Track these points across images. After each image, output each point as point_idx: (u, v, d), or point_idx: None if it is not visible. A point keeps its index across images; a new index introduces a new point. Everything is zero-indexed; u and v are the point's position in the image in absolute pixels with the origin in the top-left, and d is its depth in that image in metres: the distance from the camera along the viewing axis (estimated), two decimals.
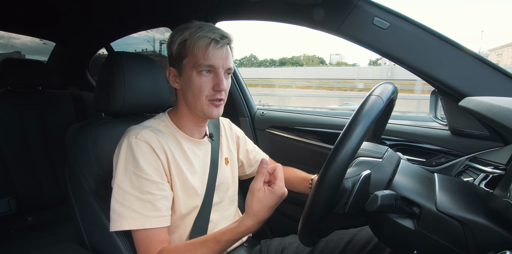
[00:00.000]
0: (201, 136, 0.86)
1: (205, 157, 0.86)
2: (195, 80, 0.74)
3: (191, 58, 0.73)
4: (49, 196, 1.66)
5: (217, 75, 0.74)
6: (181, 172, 0.77)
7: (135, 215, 0.67)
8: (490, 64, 0.75)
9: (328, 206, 0.51)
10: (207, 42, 0.71)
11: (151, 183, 0.69)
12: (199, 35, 0.72)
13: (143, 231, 0.69)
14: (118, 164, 0.71)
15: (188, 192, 0.78)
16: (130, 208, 0.68)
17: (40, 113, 1.68)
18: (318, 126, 1.22)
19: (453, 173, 0.87)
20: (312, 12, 0.87)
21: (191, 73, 0.74)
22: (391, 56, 0.82)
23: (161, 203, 0.70)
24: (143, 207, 0.68)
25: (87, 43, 1.88)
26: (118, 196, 0.69)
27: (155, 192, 0.70)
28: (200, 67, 0.72)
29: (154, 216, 0.68)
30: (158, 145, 0.73)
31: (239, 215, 0.99)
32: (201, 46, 0.71)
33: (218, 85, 0.73)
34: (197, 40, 0.72)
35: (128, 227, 0.67)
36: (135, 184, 0.69)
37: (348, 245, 0.81)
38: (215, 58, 0.72)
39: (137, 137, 0.72)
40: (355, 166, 0.64)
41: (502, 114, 0.47)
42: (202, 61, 0.72)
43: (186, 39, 0.73)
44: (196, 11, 1.18)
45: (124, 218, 0.67)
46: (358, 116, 0.51)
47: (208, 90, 0.74)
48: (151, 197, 0.69)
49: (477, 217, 0.46)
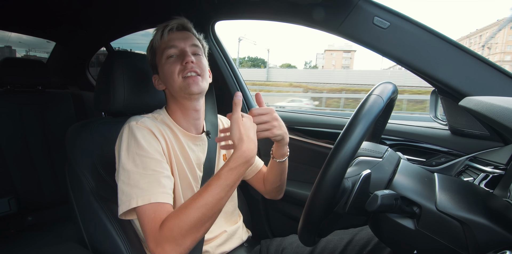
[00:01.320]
0: (198, 131, 0.86)
1: (200, 153, 0.85)
2: (165, 66, 0.78)
3: (158, 53, 0.80)
4: (49, 196, 1.65)
5: (182, 53, 0.78)
6: (179, 160, 0.78)
7: (141, 192, 0.66)
8: (490, 64, 0.74)
9: (328, 206, 0.51)
10: (160, 30, 0.79)
11: (153, 160, 0.70)
12: (155, 30, 0.81)
13: (149, 206, 0.66)
14: (121, 148, 0.71)
15: (184, 182, 0.79)
16: (135, 186, 0.67)
17: (40, 113, 1.68)
18: (318, 126, 1.22)
19: (453, 173, 0.87)
20: (312, 12, 0.87)
21: (162, 63, 0.79)
22: (391, 56, 0.81)
23: (165, 180, 0.70)
24: (147, 183, 0.67)
25: (87, 43, 1.87)
26: (124, 177, 0.68)
27: (158, 169, 0.70)
28: (165, 51, 0.78)
29: (159, 192, 0.67)
30: (158, 131, 0.76)
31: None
32: (158, 37, 0.80)
33: (184, 58, 0.76)
34: (155, 35, 0.81)
35: (136, 204, 0.65)
36: (138, 163, 0.69)
37: (348, 245, 0.81)
38: (173, 39, 0.79)
39: (138, 123, 0.74)
40: (355, 165, 0.64)
41: (502, 114, 0.47)
42: (163, 47, 0.79)
43: (151, 43, 0.82)
44: (196, 10, 1.18)
45: (131, 197, 0.66)
46: (358, 115, 0.51)
47: (179, 67, 0.77)
48: (155, 173, 0.69)
49: (477, 217, 0.46)
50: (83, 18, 1.52)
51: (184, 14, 0.82)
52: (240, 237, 0.92)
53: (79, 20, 1.54)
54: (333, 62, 53.31)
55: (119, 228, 0.76)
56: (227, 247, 0.87)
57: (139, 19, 1.48)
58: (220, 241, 0.86)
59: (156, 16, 1.38)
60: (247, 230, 0.99)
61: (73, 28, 1.68)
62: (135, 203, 0.65)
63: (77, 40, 1.84)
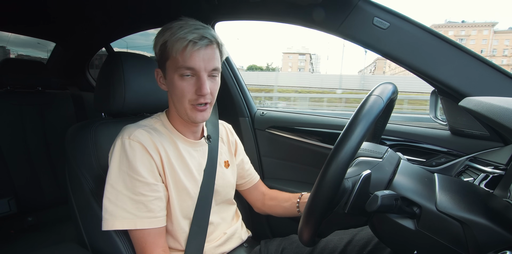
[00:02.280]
0: (196, 137, 0.85)
1: (201, 159, 0.84)
2: (177, 84, 0.71)
3: (172, 61, 0.71)
4: (49, 196, 1.65)
5: (199, 79, 0.70)
6: (174, 173, 0.76)
7: (127, 215, 0.68)
8: (490, 64, 0.75)
9: (329, 206, 0.51)
10: (184, 44, 0.67)
11: (144, 184, 0.69)
12: (177, 36, 0.68)
13: (138, 231, 0.70)
14: (112, 164, 0.71)
15: (181, 193, 0.78)
16: (122, 208, 0.68)
17: (40, 113, 1.68)
18: (318, 126, 1.22)
19: (453, 173, 0.87)
20: (312, 12, 0.87)
21: (173, 77, 0.71)
22: (391, 56, 0.82)
23: (154, 204, 0.70)
24: (135, 208, 0.68)
25: (87, 43, 1.87)
26: (111, 195, 0.69)
27: (148, 193, 0.70)
28: (180, 70, 0.69)
29: (146, 217, 0.69)
30: (152, 145, 0.72)
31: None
32: (179, 49, 0.68)
33: (200, 89, 0.70)
34: (175, 42, 0.68)
35: (121, 227, 0.68)
36: (128, 185, 0.69)
37: (348, 245, 0.81)
38: (194, 60, 0.69)
39: (130, 137, 0.71)
40: (355, 165, 0.64)
41: (502, 114, 0.47)
42: (181, 64, 0.69)
43: (166, 40, 0.70)
44: (196, 11, 1.18)
45: (116, 218, 0.68)
46: (358, 116, 0.51)
47: (191, 94, 0.71)
48: (143, 198, 0.69)
49: (477, 217, 0.46)
50: (83, 19, 1.52)
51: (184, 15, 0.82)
52: (239, 237, 0.92)
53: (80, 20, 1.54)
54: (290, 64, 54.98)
55: None
56: (226, 248, 0.87)
57: (139, 20, 1.48)
58: (219, 242, 0.86)
59: (157, 17, 1.38)
60: (247, 230, 0.99)
61: (73, 29, 1.68)
62: (120, 225, 0.68)
63: (77, 40, 1.84)
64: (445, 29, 51.25)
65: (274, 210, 1.00)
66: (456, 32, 52.73)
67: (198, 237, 0.79)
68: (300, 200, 0.92)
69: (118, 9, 1.38)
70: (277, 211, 0.99)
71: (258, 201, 1.03)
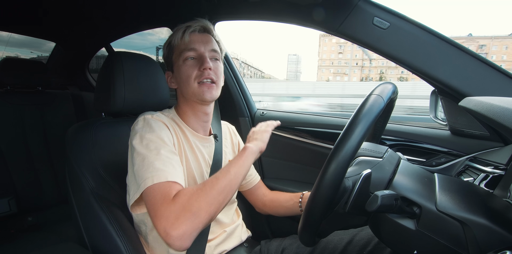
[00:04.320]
0: (206, 133, 0.88)
1: (208, 155, 0.86)
2: (182, 68, 0.78)
3: (176, 52, 0.80)
4: (49, 196, 1.65)
5: (201, 57, 0.78)
6: (187, 157, 0.79)
7: (156, 171, 0.64)
8: (490, 64, 0.75)
9: (329, 205, 0.51)
10: (182, 30, 0.79)
11: (167, 148, 0.70)
12: (177, 30, 0.80)
13: (165, 183, 0.62)
14: (135, 137, 0.70)
15: (189, 181, 0.79)
16: (150, 166, 0.64)
17: (40, 113, 1.68)
18: (318, 126, 1.22)
19: (453, 173, 0.87)
20: (312, 12, 0.87)
21: (179, 64, 0.79)
22: (391, 56, 0.82)
23: (178, 165, 0.69)
24: (162, 164, 0.65)
25: (87, 43, 1.88)
26: (138, 160, 0.66)
27: (171, 155, 0.69)
28: (184, 53, 0.77)
29: (175, 172, 0.66)
30: (171, 127, 0.77)
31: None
32: (179, 36, 0.78)
33: (202, 64, 0.76)
34: (175, 34, 0.80)
35: (151, 182, 0.62)
36: (151, 148, 0.68)
37: (348, 245, 0.81)
38: (193, 41, 0.78)
39: (153, 116, 0.76)
40: (355, 165, 0.64)
41: (502, 114, 0.47)
42: (182, 47, 0.78)
43: (170, 40, 0.81)
44: (196, 11, 1.18)
45: (147, 177, 0.63)
46: (359, 114, 0.51)
47: (195, 72, 0.77)
48: (168, 159, 0.67)
49: (477, 217, 0.46)
50: (83, 19, 1.52)
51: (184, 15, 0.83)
52: (239, 236, 0.92)
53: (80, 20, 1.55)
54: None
55: (119, 228, 0.76)
56: (226, 246, 0.87)
57: (139, 20, 1.48)
58: (219, 240, 0.86)
59: (157, 17, 1.38)
60: (247, 230, 1.00)
61: (73, 29, 1.68)
62: (150, 181, 0.62)
63: (77, 40, 1.84)
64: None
65: (275, 210, 1.01)
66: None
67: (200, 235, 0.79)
68: (302, 199, 0.92)
69: (118, 9, 1.38)
70: (279, 211, 1.00)
71: (259, 202, 1.04)
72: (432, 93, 0.95)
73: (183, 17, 0.91)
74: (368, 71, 60.79)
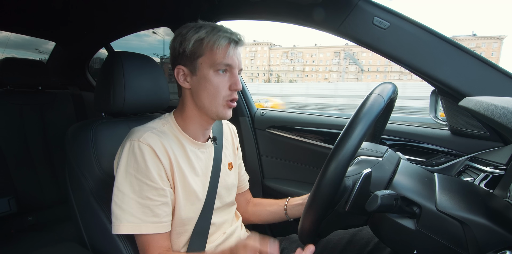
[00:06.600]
0: (205, 139, 0.85)
1: (207, 161, 0.84)
2: (212, 80, 0.72)
3: (209, 57, 0.72)
4: (49, 196, 1.65)
5: (233, 75, 0.74)
6: (183, 176, 0.76)
7: (133, 219, 0.67)
8: (490, 64, 0.75)
9: (329, 205, 0.51)
10: (227, 42, 0.71)
11: (151, 188, 0.69)
12: (219, 34, 0.71)
13: (142, 236, 0.69)
14: (120, 167, 0.70)
15: (189, 196, 0.77)
16: (128, 211, 0.67)
17: (40, 113, 1.68)
18: (318, 126, 1.22)
19: (453, 173, 0.87)
20: (312, 12, 0.87)
21: (208, 72, 0.72)
22: (391, 56, 0.82)
23: (160, 209, 0.70)
24: (141, 212, 0.68)
25: (87, 43, 1.87)
26: (118, 199, 0.69)
27: (155, 197, 0.69)
28: (219, 66, 0.72)
29: (151, 222, 0.68)
30: (161, 149, 0.71)
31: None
32: (222, 45, 0.71)
33: (235, 84, 0.73)
34: (218, 39, 0.71)
35: (126, 231, 0.67)
36: (135, 188, 0.68)
37: (348, 245, 0.81)
38: (233, 58, 0.73)
39: (140, 139, 0.70)
40: (355, 164, 0.64)
41: (502, 114, 0.47)
42: (221, 60, 0.71)
43: (203, 37, 0.71)
44: (196, 10, 1.18)
45: (121, 222, 0.67)
46: (359, 113, 0.51)
47: (225, 90, 0.73)
48: (150, 203, 0.69)
49: (477, 217, 0.46)
50: (83, 19, 1.52)
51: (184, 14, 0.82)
52: (238, 236, 0.92)
53: (80, 20, 1.54)
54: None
55: None
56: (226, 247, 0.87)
57: (139, 20, 1.48)
58: (218, 241, 0.86)
59: (157, 17, 1.38)
60: (247, 230, 0.99)
61: (73, 29, 1.68)
62: (125, 229, 0.67)
63: (77, 40, 1.84)
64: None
65: (258, 215, 0.99)
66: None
67: (200, 238, 0.79)
68: (288, 203, 0.91)
69: (118, 8, 1.37)
70: (261, 215, 0.98)
71: (241, 208, 1.02)
72: (432, 93, 0.95)
73: (184, 17, 0.91)
74: (269, 75, 76.00)
